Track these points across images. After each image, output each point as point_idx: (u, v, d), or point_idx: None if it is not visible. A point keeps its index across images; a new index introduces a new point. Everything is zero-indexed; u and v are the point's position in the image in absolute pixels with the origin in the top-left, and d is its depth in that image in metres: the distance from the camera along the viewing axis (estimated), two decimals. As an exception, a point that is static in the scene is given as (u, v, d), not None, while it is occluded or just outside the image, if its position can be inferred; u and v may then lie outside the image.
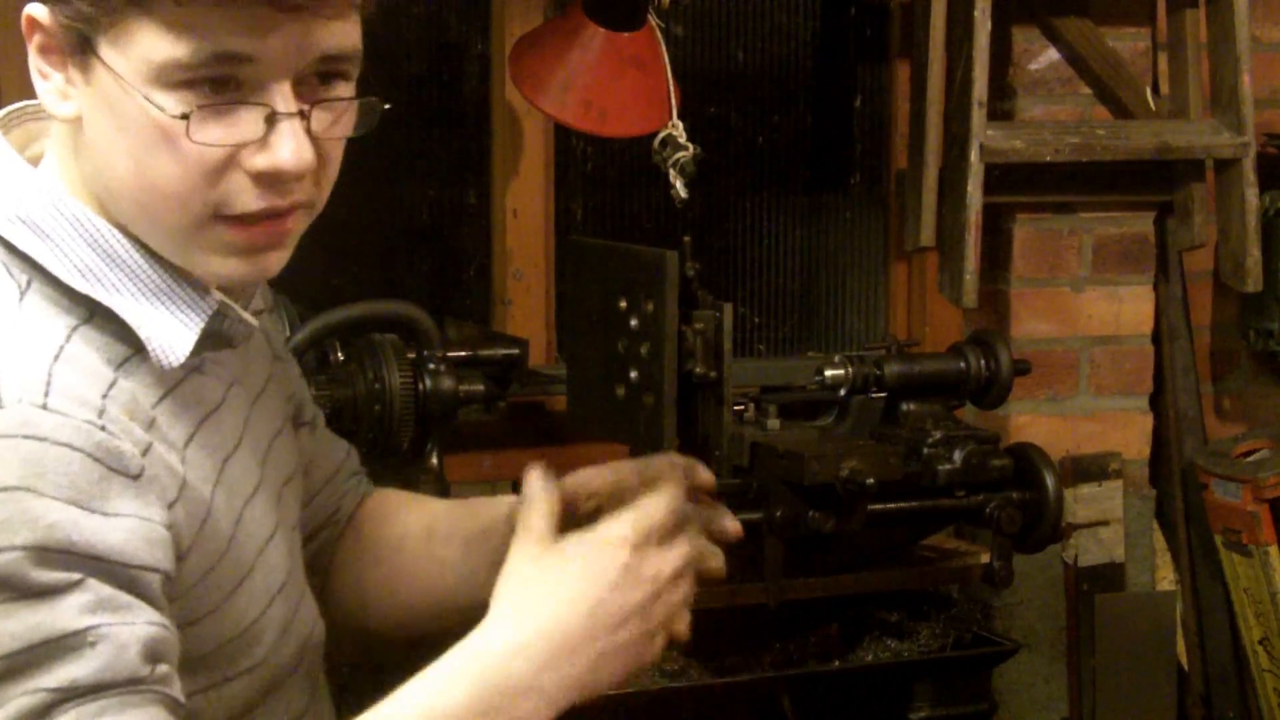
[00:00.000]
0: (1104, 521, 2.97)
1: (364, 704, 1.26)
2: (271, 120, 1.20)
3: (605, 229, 3.03)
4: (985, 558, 2.58)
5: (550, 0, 2.87)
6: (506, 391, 2.54)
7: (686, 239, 2.38)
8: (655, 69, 2.63)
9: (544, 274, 2.93)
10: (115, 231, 1.26)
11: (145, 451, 1.21)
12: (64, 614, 1.13)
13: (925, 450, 2.49)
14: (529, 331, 2.82)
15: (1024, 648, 2.81)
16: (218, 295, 1.30)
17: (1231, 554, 3.04)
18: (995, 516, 2.49)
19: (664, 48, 2.64)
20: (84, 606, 1.14)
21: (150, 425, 1.24)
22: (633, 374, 2.38)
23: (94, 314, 1.25)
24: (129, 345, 1.26)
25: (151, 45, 1.17)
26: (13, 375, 1.18)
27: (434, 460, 2.46)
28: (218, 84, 1.19)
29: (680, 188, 2.59)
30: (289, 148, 1.21)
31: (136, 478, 1.19)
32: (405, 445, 2.41)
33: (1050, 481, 2.53)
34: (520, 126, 2.89)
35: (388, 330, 2.45)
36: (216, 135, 1.20)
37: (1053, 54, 2.96)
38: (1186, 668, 3.08)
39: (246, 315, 1.33)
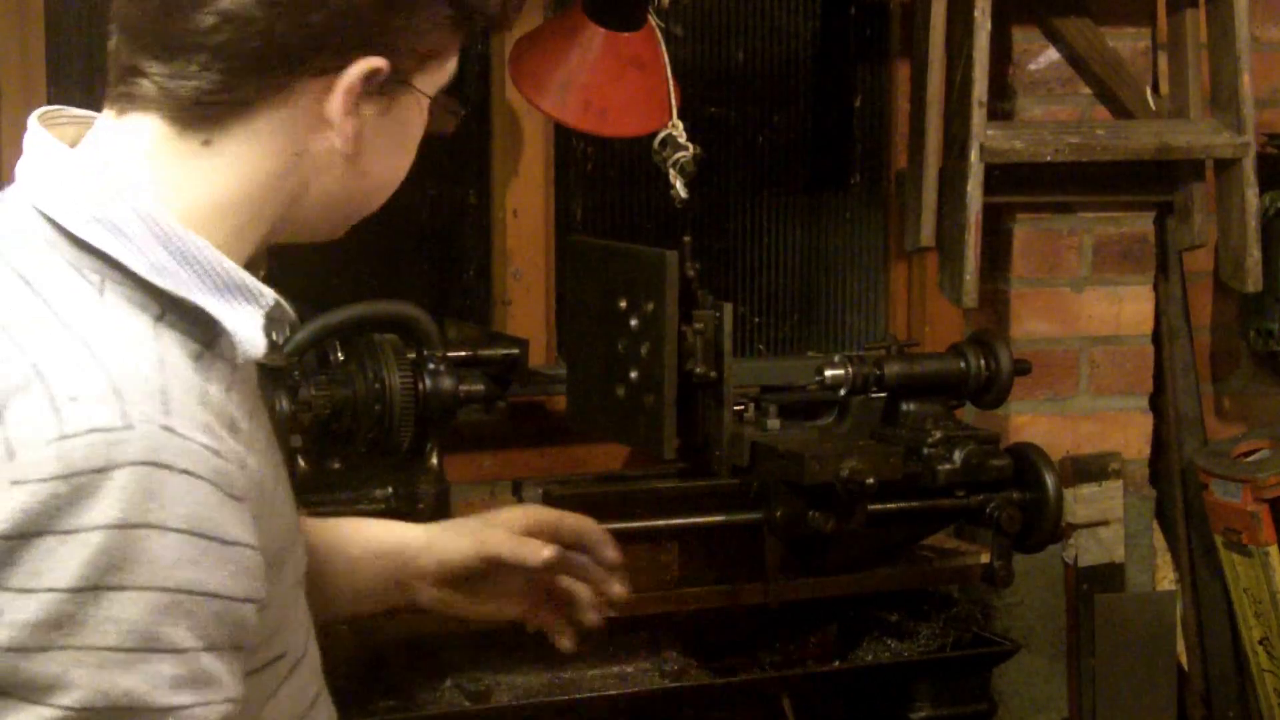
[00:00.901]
0: (1104, 521, 2.97)
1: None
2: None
3: (605, 229, 3.03)
4: (985, 558, 2.58)
5: (550, 0, 2.87)
6: (506, 391, 2.54)
7: (686, 239, 2.38)
8: (655, 69, 2.63)
9: (544, 274, 2.93)
10: (185, 229, 1.26)
11: (242, 465, 1.23)
12: (157, 687, 1.15)
13: (925, 450, 2.49)
14: (529, 331, 2.82)
15: (1024, 648, 2.81)
16: (272, 291, 1.33)
17: (1231, 554, 3.04)
18: (995, 516, 2.49)
19: (664, 48, 2.64)
20: (176, 681, 1.16)
21: (234, 428, 1.25)
22: (633, 374, 2.39)
23: (165, 311, 1.26)
24: (197, 342, 1.27)
25: (449, 67, 1.46)
26: (133, 386, 1.17)
27: (434, 460, 2.45)
28: None
29: (680, 188, 2.59)
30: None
31: (241, 500, 1.21)
32: (405, 445, 2.40)
33: (1050, 481, 2.53)
34: (520, 126, 2.89)
35: (388, 330, 2.44)
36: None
37: (1053, 54, 2.96)
38: (1186, 668, 3.08)
39: (289, 308, 1.35)
